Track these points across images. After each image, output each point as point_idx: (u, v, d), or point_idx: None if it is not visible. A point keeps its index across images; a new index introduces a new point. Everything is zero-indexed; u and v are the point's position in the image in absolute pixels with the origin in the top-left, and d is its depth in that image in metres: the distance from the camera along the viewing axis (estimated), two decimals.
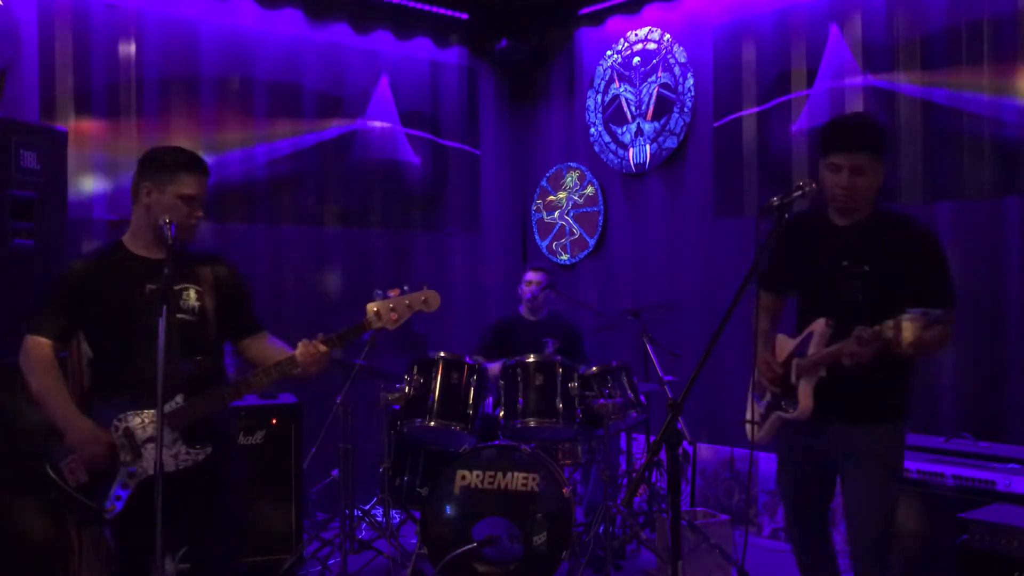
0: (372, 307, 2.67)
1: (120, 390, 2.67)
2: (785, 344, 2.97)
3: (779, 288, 3.12)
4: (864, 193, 2.75)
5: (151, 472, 2.54)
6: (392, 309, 2.67)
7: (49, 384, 2.67)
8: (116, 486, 2.63)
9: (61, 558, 3.69)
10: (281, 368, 2.70)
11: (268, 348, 2.88)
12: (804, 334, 2.86)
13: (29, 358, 2.70)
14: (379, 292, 2.71)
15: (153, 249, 2.73)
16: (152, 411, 2.55)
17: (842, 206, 2.79)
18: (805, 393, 2.81)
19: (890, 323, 2.50)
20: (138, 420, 2.64)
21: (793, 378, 2.86)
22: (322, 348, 2.67)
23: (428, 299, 2.70)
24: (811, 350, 2.79)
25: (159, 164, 2.71)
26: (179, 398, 2.65)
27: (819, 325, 2.79)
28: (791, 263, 2.97)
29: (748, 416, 3.00)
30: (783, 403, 2.91)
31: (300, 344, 2.69)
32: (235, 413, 4.05)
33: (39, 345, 2.70)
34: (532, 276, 5.24)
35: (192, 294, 2.75)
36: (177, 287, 2.71)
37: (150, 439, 2.62)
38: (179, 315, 2.70)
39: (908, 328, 2.43)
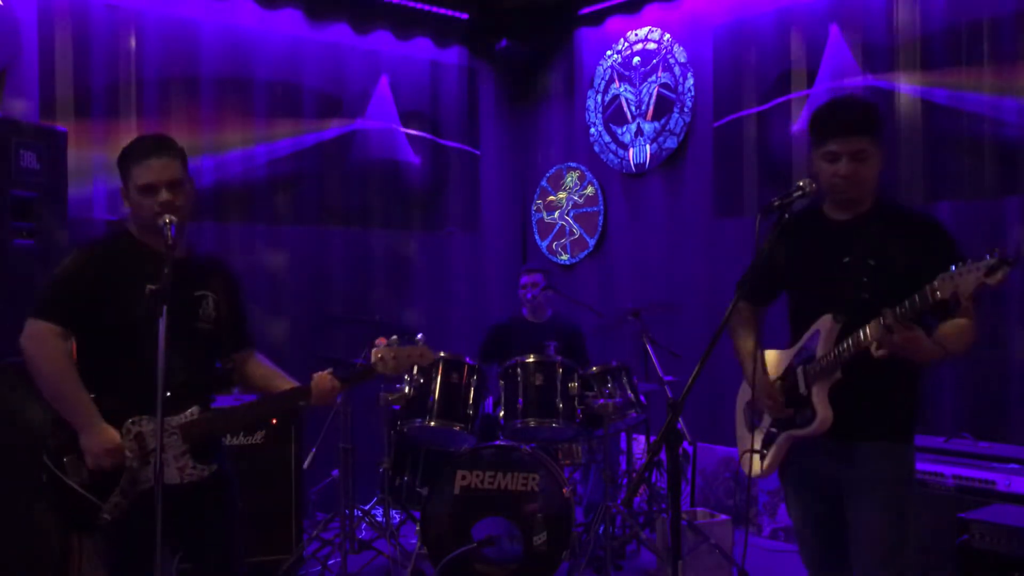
0: (377, 353, 2.72)
1: (130, 393, 2.50)
2: (777, 358, 2.73)
3: (761, 296, 2.85)
4: (866, 181, 2.52)
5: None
6: (394, 358, 2.73)
7: (65, 376, 2.46)
8: (117, 492, 2.50)
9: (61, 560, 3.69)
10: (293, 397, 2.67)
11: (261, 368, 2.82)
12: (805, 338, 2.61)
13: (38, 344, 2.45)
14: (379, 342, 2.75)
15: (159, 243, 2.53)
16: (171, 419, 2.49)
17: (843, 197, 2.55)
18: (822, 401, 2.53)
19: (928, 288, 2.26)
20: (152, 426, 2.49)
21: (802, 387, 2.58)
22: (337, 384, 2.67)
23: (424, 354, 2.78)
24: (819, 350, 2.54)
25: (121, 162, 2.58)
26: (194, 409, 2.55)
27: (825, 322, 2.54)
28: (783, 264, 2.68)
29: (748, 445, 2.74)
30: (796, 419, 2.61)
31: (315, 377, 2.66)
32: None
33: (49, 331, 2.45)
34: (527, 279, 5.21)
35: (211, 302, 2.66)
36: (197, 293, 2.63)
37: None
38: (200, 324, 2.61)
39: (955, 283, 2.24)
